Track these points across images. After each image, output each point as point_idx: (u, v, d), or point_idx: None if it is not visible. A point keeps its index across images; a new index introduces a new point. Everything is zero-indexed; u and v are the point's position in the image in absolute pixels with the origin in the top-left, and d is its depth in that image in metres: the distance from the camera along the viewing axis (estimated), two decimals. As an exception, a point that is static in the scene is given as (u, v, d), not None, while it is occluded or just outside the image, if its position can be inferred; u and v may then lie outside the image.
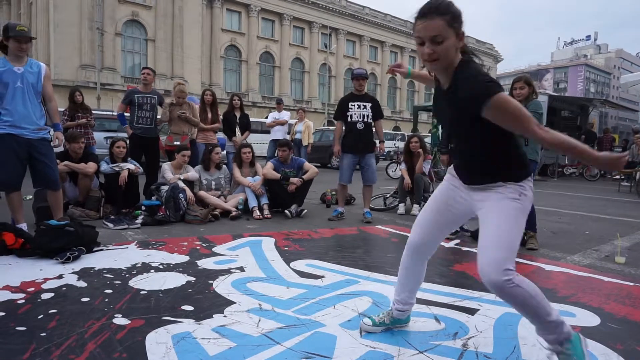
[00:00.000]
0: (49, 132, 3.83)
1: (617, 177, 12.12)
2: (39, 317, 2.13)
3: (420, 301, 2.50)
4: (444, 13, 1.51)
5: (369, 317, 2.11)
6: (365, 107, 5.13)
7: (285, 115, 9.02)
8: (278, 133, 8.85)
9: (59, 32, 29.29)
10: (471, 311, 2.37)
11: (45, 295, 2.42)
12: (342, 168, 5.29)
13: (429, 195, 6.04)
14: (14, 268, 2.91)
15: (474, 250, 3.90)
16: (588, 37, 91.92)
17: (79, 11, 29.50)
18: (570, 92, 74.16)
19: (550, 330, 1.66)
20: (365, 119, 5.12)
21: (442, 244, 4.11)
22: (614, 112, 64.56)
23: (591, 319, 2.32)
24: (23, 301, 2.33)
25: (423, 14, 1.54)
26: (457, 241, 4.23)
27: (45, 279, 2.69)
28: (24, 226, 3.67)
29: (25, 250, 3.18)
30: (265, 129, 10.82)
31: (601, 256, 3.78)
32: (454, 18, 1.53)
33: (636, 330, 2.21)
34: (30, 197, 5.36)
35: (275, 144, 8.75)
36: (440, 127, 11.48)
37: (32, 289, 2.52)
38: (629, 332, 2.16)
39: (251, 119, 7.71)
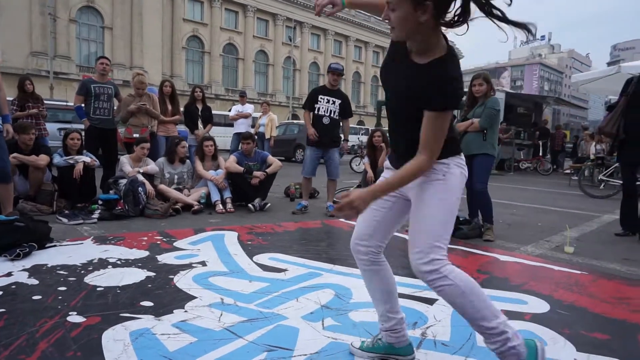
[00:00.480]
0: None
1: (568, 171, 12.73)
2: (-14, 316, 2.03)
3: (382, 292, 2.55)
4: None
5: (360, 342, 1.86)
6: (334, 102, 5.15)
7: (248, 108, 8.91)
8: (241, 126, 8.74)
9: (6, 17, 27.60)
10: (430, 301, 2.44)
11: (-7, 294, 2.30)
12: (306, 161, 5.31)
13: (391, 189, 6.19)
14: (-42, 266, 2.75)
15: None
16: (543, 37, 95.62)
17: (29, -5, 27.97)
18: (526, 90, 77.08)
19: (489, 339, 1.47)
20: (332, 115, 5.14)
21: (404, 236, 4.20)
22: (566, 109, 67.72)
23: (541, 306, 2.43)
24: (-32, 300, 2.21)
25: None
26: (418, 233, 4.32)
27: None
28: None
29: (-29, 246, 3.00)
30: (228, 122, 10.66)
31: (552, 246, 3.97)
32: None
33: (582, 316, 2.34)
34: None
35: (239, 137, 8.65)
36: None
37: (-21, 287, 2.39)
38: (576, 318, 2.29)
39: (214, 112, 7.58)
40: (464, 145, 4.27)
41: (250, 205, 5.16)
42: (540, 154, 14.90)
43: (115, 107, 5.76)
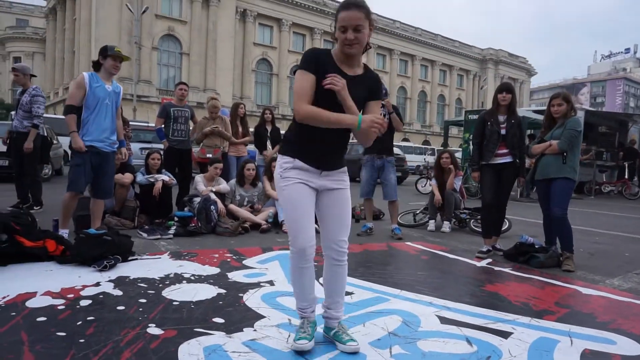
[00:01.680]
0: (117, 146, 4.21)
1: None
2: (78, 323, 2.21)
3: (451, 322, 2.46)
4: (362, 7, 1.89)
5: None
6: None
7: None
8: None
9: (99, 47, 30.51)
10: (504, 334, 2.31)
11: (84, 302, 2.51)
12: (362, 182, 5.29)
13: (460, 212, 5.99)
14: (54, 274, 3.03)
15: (507, 270, 3.81)
16: (627, 50, 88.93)
17: (119, 26, 30.80)
18: (608, 107, 71.76)
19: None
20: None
21: (474, 262, 4.03)
22: (656, 128, 62.11)
23: (633, 347, 2.22)
24: (63, 307, 2.42)
25: (347, 6, 1.88)
26: (489, 260, 4.13)
27: (84, 286, 2.79)
28: (65, 232, 3.85)
29: (65, 257, 3.30)
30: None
31: (643, 280, 3.62)
32: (369, 13, 1.90)
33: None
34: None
35: None
36: (471, 143, 11.33)
37: (72, 295, 2.62)
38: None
39: (281, 132, 7.81)
40: (541, 168, 4.06)
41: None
42: (627, 176, 13.73)
43: (190, 129, 6.12)
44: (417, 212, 6.44)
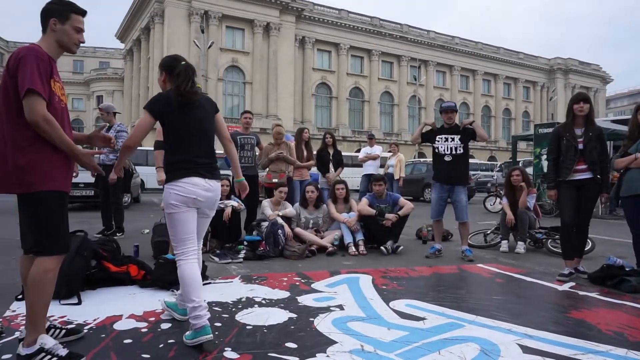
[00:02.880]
0: None
1: None
2: (160, 346, 2.32)
3: (534, 351, 2.31)
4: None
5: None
6: (453, 139, 4.97)
7: (377, 149, 9.07)
8: (370, 167, 8.91)
9: (171, 81, 32.80)
10: (597, 366, 2.12)
11: (164, 325, 2.64)
12: (432, 203, 5.16)
13: (536, 232, 5.65)
14: (137, 298, 3.22)
15: (593, 295, 3.52)
16: None
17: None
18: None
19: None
20: (454, 152, 4.94)
21: (555, 286, 3.77)
22: None
23: None
24: (146, 330, 2.56)
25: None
26: (572, 284, 3.84)
27: (164, 310, 2.93)
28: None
29: (146, 281, 3.50)
30: (355, 163, 10.96)
31: None
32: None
33: None
34: (148, 230, 5.95)
35: (368, 178, 8.81)
36: (543, 158, 10.71)
37: (153, 318, 2.76)
38: None
39: (342, 153, 7.86)
40: (627, 183, 3.76)
41: (382, 247, 5.16)
42: None
43: (257, 155, 6.34)
44: (488, 232, 6.16)
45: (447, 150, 4.97)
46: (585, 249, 4.66)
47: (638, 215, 3.69)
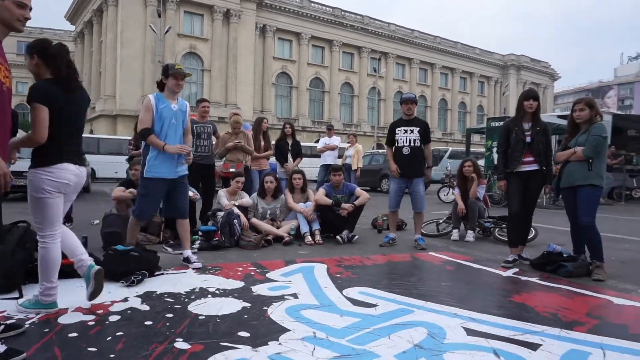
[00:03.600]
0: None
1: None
2: (108, 338, 2.26)
3: (478, 333, 2.42)
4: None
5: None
6: (412, 131, 5.06)
7: (335, 140, 9.13)
8: (328, 158, 8.96)
9: (124, 67, 31.61)
10: (533, 346, 2.26)
11: (113, 318, 2.57)
12: (390, 194, 5.25)
13: (484, 221, 5.89)
14: (84, 290, 3.09)
15: (534, 280, 3.73)
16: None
17: (143, 47, 31.75)
18: (637, 110, 69.52)
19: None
20: (412, 144, 5.04)
21: (500, 272, 3.96)
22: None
23: (670, 360, 2.14)
24: (93, 323, 2.49)
25: None
26: (515, 270, 4.05)
27: (113, 302, 2.86)
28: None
29: (94, 273, 3.39)
30: (315, 154, 10.99)
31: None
32: None
33: None
34: (98, 221, 5.75)
35: (326, 169, 8.86)
36: (494, 151, 11.15)
37: (101, 311, 2.69)
38: None
39: (301, 144, 7.87)
40: (566, 175, 3.98)
41: (338, 237, 5.23)
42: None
43: (213, 144, 6.23)
44: (440, 221, 6.37)
45: (406, 142, 5.05)
46: (529, 237, 4.92)
47: (575, 206, 3.93)
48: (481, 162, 12.09)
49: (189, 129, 4.08)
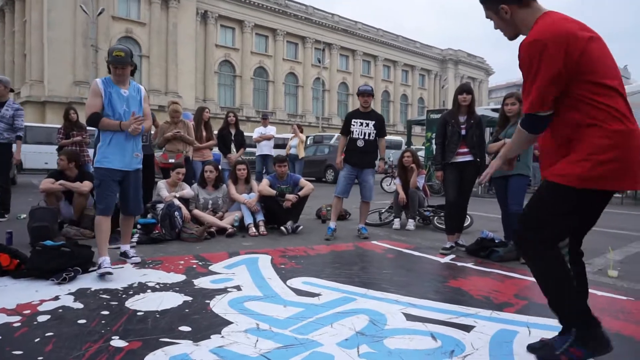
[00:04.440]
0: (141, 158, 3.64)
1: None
2: (36, 340, 2.12)
3: (416, 318, 2.52)
4: None
5: None
6: (367, 124, 5.12)
7: (271, 130, 9.05)
8: (265, 148, 8.86)
9: (52, 50, 29.35)
10: (467, 328, 2.39)
11: (42, 318, 2.41)
12: (339, 180, 5.24)
13: (424, 210, 6.13)
14: (9, 290, 2.90)
15: (469, 265, 3.93)
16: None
17: (73, 29, 29.63)
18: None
19: None
20: (367, 137, 5.09)
21: (437, 259, 4.14)
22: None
23: (585, 334, 2.34)
24: (19, 324, 2.32)
25: None
26: (452, 256, 4.26)
27: (42, 301, 2.68)
28: (104, 260, 3.29)
29: (20, 271, 3.16)
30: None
31: (594, 270, 3.82)
32: None
33: (629, 345, 2.24)
34: (25, 215, 5.36)
35: (263, 159, 8.81)
36: (433, 142, 11.59)
37: (28, 311, 2.51)
38: (622, 347, 2.19)
39: (245, 134, 7.74)
40: (497, 166, 4.20)
41: (282, 228, 5.22)
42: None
43: (152, 133, 5.99)
44: (383, 211, 6.54)
45: (361, 135, 5.09)
46: (465, 225, 5.17)
47: (506, 194, 4.18)
48: (421, 153, 12.53)
49: (148, 114, 3.70)
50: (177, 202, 4.97)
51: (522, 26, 1.91)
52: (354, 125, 5.13)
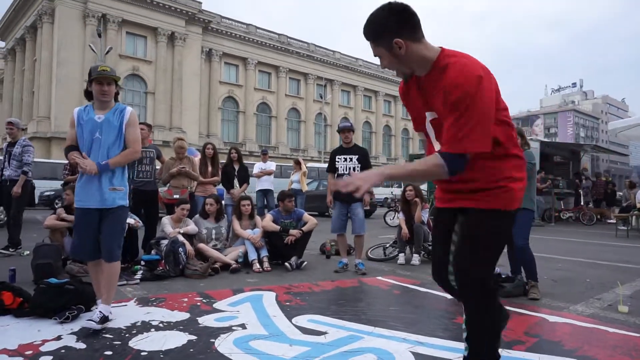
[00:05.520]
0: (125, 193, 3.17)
1: (613, 221, 12.18)
2: (38, 382, 2.09)
3: (425, 357, 2.47)
4: None
5: None
6: (351, 159, 5.20)
7: (271, 165, 9.13)
8: (265, 183, 8.92)
9: (60, 87, 30.08)
10: (477, 367, 2.33)
11: (44, 359, 2.38)
12: (333, 218, 5.35)
13: (429, 245, 6.08)
14: (11, 330, 2.86)
15: (476, 301, 3.87)
16: (574, 84, 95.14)
17: (81, 67, 30.42)
18: (561, 137, 75.66)
19: None
20: (352, 171, 5.13)
21: (444, 295, 4.08)
22: (605, 155, 65.58)
23: (599, 374, 2.29)
24: (21, 365, 2.29)
25: None
26: (459, 292, 4.19)
27: (44, 341, 2.64)
28: (106, 310, 2.99)
29: (23, 310, 3.13)
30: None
31: (604, 305, 3.76)
32: None
33: (645, 385, 2.18)
34: (28, 252, 5.35)
35: (264, 194, 8.84)
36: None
37: (30, 351, 2.48)
38: (639, 388, 2.13)
39: (248, 170, 7.80)
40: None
41: (287, 264, 5.18)
42: (582, 203, 14.40)
43: (157, 169, 6.04)
44: (387, 245, 6.49)
45: (346, 170, 5.17)
46: (470, 259, 5.12)
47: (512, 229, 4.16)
48: (424, 187, 12.56)
49: (133, 139, 3.17)
50: (181, 238, 4.96)
51: (420, 62, 1.74)
52: (338, 161, 5.22)
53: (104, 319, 2.91)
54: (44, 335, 2.75)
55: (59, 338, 2.70)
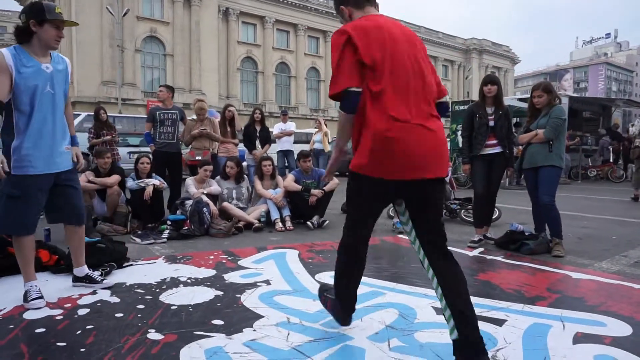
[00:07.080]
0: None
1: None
2: (77, 332, 2.21)
3: (447, 312, 2.50)
4: None
5: None
6: None
7: (291, 125, 9.07)
8: (286, 144, 8.89)
9: (81, 52, 30.18)
10: (499, 322, 2.37)
11: (82, 311, 2.51)
12: None
13: (451, 203, 6.05)
14: (50, 284, 3.02)
15: (498, 258, 3.88)
16: (608, 35, 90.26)
17: (100, 30, 30.38)
18: (591, 92, 72.67)
19: None
20: None
21: (466, 252, 4.09)
22: (639, 110, 62.83)
23: (623, 329, 2.29)
24: (61, 317, 2.43)
25: None
26: (481, 249, 4.20)
27: (81, 295, 2.79)
28: (32, 284, 2.69)
29: (59, 266, 3.29)
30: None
31: (630, 262, 3.71)
32: None
33: (670, 340, 2.17)
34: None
35: (284, 154, 8.84)
36: (458, 134, 11.42)
37: (69, 304, 2.62)
38: (663, 342, 2.13)
39: (271, 130, 7.78)
40: (528, 157, 4.13)
41: (309, 222, 5.25)
42: (611, 160, 13.97)
43: (180, 131, 6.09)
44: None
45: None
46: (493, 217, 5.08)
47: (536, 186, 4.09)
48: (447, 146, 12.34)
49: (69, 101, 2.85)
50: (205, 198, 5.05)
51: None
52: None
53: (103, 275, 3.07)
54: (81, 290, 2.89)
55: (94, 292, 2.84)
